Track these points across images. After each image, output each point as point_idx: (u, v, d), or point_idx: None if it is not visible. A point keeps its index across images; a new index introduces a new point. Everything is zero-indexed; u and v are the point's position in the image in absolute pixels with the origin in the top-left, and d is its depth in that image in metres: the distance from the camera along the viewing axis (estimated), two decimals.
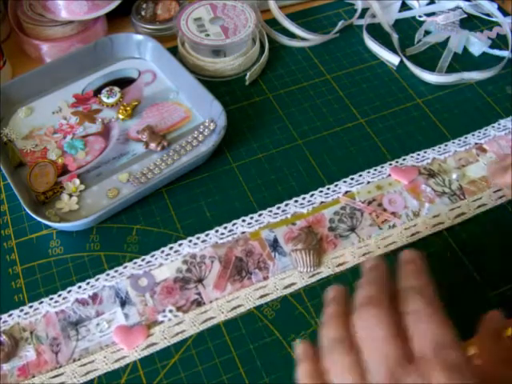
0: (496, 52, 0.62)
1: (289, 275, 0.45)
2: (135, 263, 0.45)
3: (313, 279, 0.45)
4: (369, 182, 0.51)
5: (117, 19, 0.65)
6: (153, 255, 0.46)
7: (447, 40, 0.63)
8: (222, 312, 0.43)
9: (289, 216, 0.48)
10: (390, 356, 0.34)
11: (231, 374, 0.40)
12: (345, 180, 0.51)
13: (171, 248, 0.46)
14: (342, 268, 0.45)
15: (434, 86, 0.59)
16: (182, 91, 0.57)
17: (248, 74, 0.58)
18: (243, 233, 0.47)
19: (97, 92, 0.57)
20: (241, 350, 0.41)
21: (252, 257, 0.46)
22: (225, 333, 0.42)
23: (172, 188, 0.50)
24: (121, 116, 0.55)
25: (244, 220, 0.48)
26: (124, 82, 0.58)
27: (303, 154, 0.53)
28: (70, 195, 0.49)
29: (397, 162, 0.52)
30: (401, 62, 0.61)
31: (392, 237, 0.47)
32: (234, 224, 0.48)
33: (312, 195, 0.50)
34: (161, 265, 0.45)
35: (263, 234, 0.47)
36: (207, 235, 0.47)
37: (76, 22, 0.60)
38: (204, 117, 0.55)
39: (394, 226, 0.48)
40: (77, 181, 0.50)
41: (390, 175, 0.51)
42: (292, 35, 0.64)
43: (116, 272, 0.45)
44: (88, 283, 0.44)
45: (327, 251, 0.46)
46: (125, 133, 0.54)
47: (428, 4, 0.68)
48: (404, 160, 0.52)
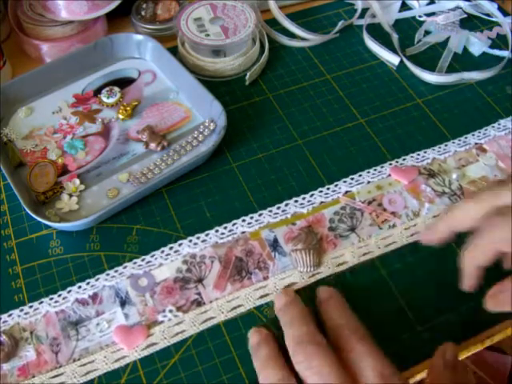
0: (496, 52, 0.62)
1: (289, 275, 0.45)
2: (135, 263, 0.45)
3: (313, 279, 0.45)
4: (369, 182, 0.51)
5: (117, 19, 0.65)
6: (153, 255, 0.46)
7: (447, 40, 0.63)
8: (222, 312, 0.43)
9: (289, 216, 0.48)
10: None
11: (231, 374, 0.40)
12: (345, 180, 0.51)
13: (171, 248, 0.46)
14: (342, 268, 0.45)
15: (434, 86, 0.59)
16: (182, 91, 0.57)
17: (248, 74, 0.58)
18: (243, 233, 0.47)
19: (97, 92, 0.57)
20: (241, 350, 0.41)
21: (252, 257, 0.46)
22: (225, 333, 0.42)
23: (172, 188, 0.50)
24: (121, 116, 0.55)
25: (244, 220, 0.48)
26: (124, 82, 0.58)
27: (303, 154, 0.53)
28: (70, 195, 0.49)
29: (397, 162, 0.52)
30: (401, 62, 0.61)
31: (392, 237, 0.47)
32: (234, 224, 0.48)
33: (312, 195, 0.50)
34: (161, 265, 0.45)
35: (263, 234, 0.47)
36: (207, 235, 0.47)
37: (76, 22, 0.60)
38: (204, 117, 0.55)
39: (394, 226, 0.48)
40: (77, 181, 0.50)
41: (390, 175, 0.51)
42: (292, 35, 0.64)
43: (116, 272, 0.45)
44: (88, 283, 0.44)
45: (327, 251, 0.46)
46: (125, 133, 0.54)
47: (428, 4, 0.68)
48: (404, 160, 0.52)
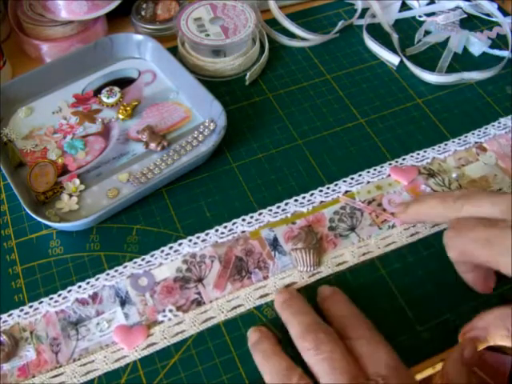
0: (496, 52, 0.62)
1: (289, 274, 0.45)
2: (135, 263, 0.45)
3: (313, 278, 0.45)
4: (369, 182, 0.51)
5: (117, 19, 0.65)
6: (153, 255, 0.46)
7: (447, 40, 0.63)
8: (222, 312, 0.43)
9: (289, 215, 0.48)
10: (349, 374, 0.34)
11: (231, 374, 0.40)
12: (345, 180, 0.51)
13: (171, 247, 0.46)
14: (342, 267, 0.45)
15: (434, 86, 0.59)
16: (182, 91, 0.57)
17: (248, 74, 0.58)
18: (243, 232, 0.47)
19: (97, 92, 0.57)
20: (241, 350, 0.41)
21: (252, 256, 0.46)
22: (225, 333, 0.42)
23: (172, 188, 0.50)
24: (121, 116, 0.55)
25: (244, 219, 0.48)
26: (124, 82, 0.58)
27: (303, 154, 0.53)
28: (70, 195, 0.49)
29: (396, 162, 0.52)
30: (401, 62, 0.61)
31: (392, 237, 0.47)
32: (234, 223, 0.48)
33: (312, 194, 0.50)
34: (161, 264, 0.45)
35: (263, 234, 0.47)
36: (207, 234, 0.47)
37: (76, 22, 0.60)
38: (204, 117, 0.55)
39: (394, 226, 0.48)
40: (77, 181, 0.50)
41: (390, 175, 0.51)
42: (292, 35, 0.64)
43: (116, 271, 0.45)
44: (88, 283, 0.44)
45: (327, 250, 0.46)
46: (125, 133, 0.54)
47: (428, 4, 0.68)
48: (404, 160, 0.52)
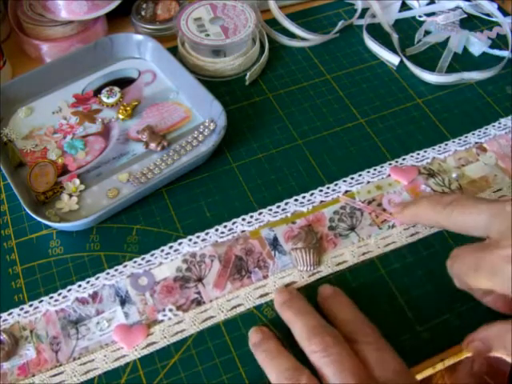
0: (496, 52, 0.62)
1: (288, 274, 0.45)
2: (135, 262, 0.45)
3: (312, 278, 0.45)
4: (369, 182, 0.51)
5: (117, 19, 0.65)
6: (153, 254, 0.46)
7: (447, 40, 0.63)
8: (222, 311, 0.43)
9: (289, 215, 0.48)
10: (357, 376, 0.35)
11: (231, 374, 0.40)
12: (345, 180, 0.51)
13: (171, 247, 0.46)
14: (342, 267, 0.45)
15: (434, 86, 0.59)
16: (182, 91, 0.57)
17: (248, 74, 0.58)
18: (243, 231, 0.47)
19: (97, 92, 0.57)
20: (241, 350, 0.41)
21: (252, 256, 0.46)
22: (225, 333, 0.42)
23: (172, 188, 0.50)
24: (121, 116, 0.55)
25: (244, 219, 0.48)
26: (124, 82, 0.58)
27: (303, 154, 0.53)
28: (70, 195, 0.49)
29: (396, 162, 0.52)
30: (401, 62, 0.61)
31: (391, 237, 0.47)
32: (234, 223, 0.48)
33: (312, 194, 0.50)
34: (161, 264, 0.45)
35: (263, 233, 0.47)
36: (207, 234, 0.47)
37: (76, 22, 0.60)
38: (204, 117, 0.55)
39: (394, 226, 0.48)
40: (77, 181, 0.50)
41: (390, 175, 0.51)
42: (292, 35, 0.64)
43: (116, 271, 0.45)
44: (88, 282, 0.44)
45: (327, 250, 0.46)
46: (125, 133, 0.54)
47: (428, 4, 0.68)
48: (404, 160, 0.52)
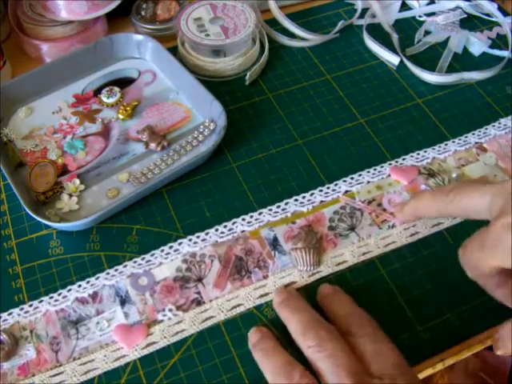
0: (496, 52, 0.62)
1: (288, 274, 0.45)
2: (135, 262, 0.45)
3: (312, 278, 0.45)
4: (369, 182, 0.51)
5: (117, 19, 0.65)
6: (153, 254, 0.46)
7: (447, 40, 0.63)
8: (222, 311, 0.43)
9: (289, 215, 0.48)
10: (352, 371, 0.34)
11: (231, 374, 0.40)
12: (345, 180, 0.51)
13: (171, 247, 0.46)
14: (342, 267, 0.45)
15: (434, 86, 0.59)
16: (182, 91, 0.57)
17: (248, 74, 0.58)
18: (243, 231, 0.47)
19: (97, 92, 0.57)
20: (241, 350, 0.41)
21: (252, 256, 0.46)
22: (225, 333, 0.42)
23: (172, 188, 0.50)
24: (121, 116, 0.55)
25: (244, 219, 0.48)
26: (124, 82, 0.58)
27: (303, 154, 0.53)
28: (70, 195, 0.49)
29: (396, 162, 0.52)
30: (401, 62, 0.61)
31: (391, 237, 0.47)
32: (234, 223, 0.48)
33: (312, 194, 0.50)
34: (160, 264, 0.45)
35: (263, 233, 0.47)
36: (207, 234, 0.47)
37: (76, 22, 0.60)
38: (204, 117, 0.55)
39: (394, 226, 0.48)
40: (77, 181, 0.50)
41: (390, 175, 0.51)
42: (292, 35, 0.64)
43: (116, 271, 0.45)
44: (88, 282, 0.44)
45: (327, 250, 0.46)
46: (125, 133, 0.54)
47: (428, 4, 0.68)
48: (404, 160, 0.52)
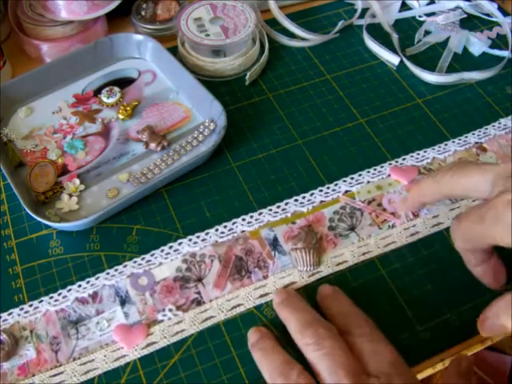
0: (496, 52, 0.62)
1: (288, 274, 0.45)
2: (135, 262, 0.45)
3: (312, 278, 0.45)
4: (369, 182, 0.51)
5: (117, 19, 0.65)
6: (153, 254, 0.46)
7: (447, 40, 0.63)
8: (222, 311, 0.43)
9: (289, 215, 0.48)
10: (349, 369, 0.34)
11: (231, 374, 0.40)
12: (345, 180, 0.51)
13: (171, 247, 0.46)
14: (342, 267, 0.45)
15: (434, 86, 0.59)
16: (182, 91, 0.57)
17: (248, 74, 0.58)
18: (243, 231, 0.47)
19: (97, 92, 0.57)
20: (241, 350, 0.41)
21: (252, 256, 0.46)
22: (225, 333, 0.42)
23: (172, 188, 0.50)
24: (121, 116, 0.55)
25: (244, 219, 0.48)
26: (124, 82, 0.58)
27: (303, 154, 0.53)
28: (70, 195, 0.49)
29: (396, 162, 0.52)
30: (401, 62, 0.61)
31: (391, 237, 0.47)
32: (234, 223, 0.48)
33: (312, 194, 0.50)
34: (160, 264, 0.45)
35: (263, 233, 0.47)
36: (207, 234, 0.47)
37: (76, 22, 0.60)
38: (204, 117, 0.55)
39: (394, 226, 0.48)
40: (77, 181, 0.50)
41: (390, 175, 0.51)
42: (292, 35, 0.64)
43: (116, 271, 0.45)
44: (88, 282, 0.44)
45: (327, 250, 0.46)
46: (125, 133, 0.54)
47: (428, 4, 0.68)
48: (404, 160, 0.52)
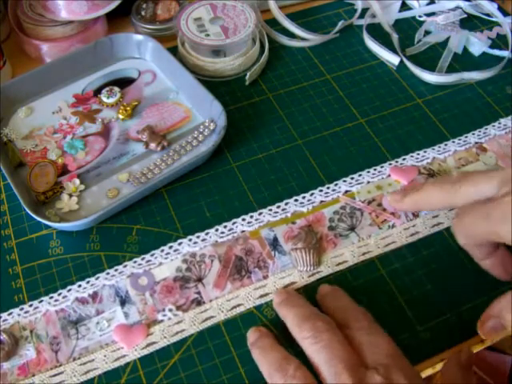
0: (496, 52, 0.62)
1: (288, 274, 0.45)
2: (135, 262, 0.45)
3: (312, 278, 0.45)
4: (369, 182, 0.51)
5: (117, 19, 0.65)
6: (153, 254, 0.46)
7: (447, 40, 0.63)
8: (222, 311, 0.43)
9: (289, 215, 0.48)
10: (347, 362, 0.34)
11: (231, 374, 0.40)
12: (345, 180, 0.51)
13: (171, 247, 0.46)
14: (342, 267, 0.45)
15: (434, 86, 0.59)
16: (182, 91, 0.57)
17: (248, 74, 0.58)
18: (243, 231, 0.47)
19: (97, 92, 0.57)
20: (241, 350, 0.41)
21: (252, 256, 0.46)
22: (225, 333, 0.42)
23: (172, 188, 0.50)
24: (121, 116, 0.55)
25: (244, 219, 0.48)
26: (124, 82, 0.58)
27: (303, 154, 0.53)
28: (70, 195, 0.49)
29: (397, 162, 0.52)
30: (401, 62, 0.61)
31: (391, 237, 0.47)
32: (234, 223, 0.48)
33: (312, 194, 0.50)
34: (160, 264, 0.45)
35: (263, 233, 0.47)
36: (207, 234, 0.47)
37: (76, 22, 0.60)
38: (204, 117, 0.55)
39: (394, 226, 0.48)
40: (77, 181, 0.50)
41: (390, 175, 0.51)
42: (292, 35, 0.64)
43: (116, 271, 0.45)
44: (88, 282, 0.44)
45: (327, 250, 0.46)
46: (125, 133, 0.54)
47: (428, 4, 0.68)
48: (404, 160, 0.52)
